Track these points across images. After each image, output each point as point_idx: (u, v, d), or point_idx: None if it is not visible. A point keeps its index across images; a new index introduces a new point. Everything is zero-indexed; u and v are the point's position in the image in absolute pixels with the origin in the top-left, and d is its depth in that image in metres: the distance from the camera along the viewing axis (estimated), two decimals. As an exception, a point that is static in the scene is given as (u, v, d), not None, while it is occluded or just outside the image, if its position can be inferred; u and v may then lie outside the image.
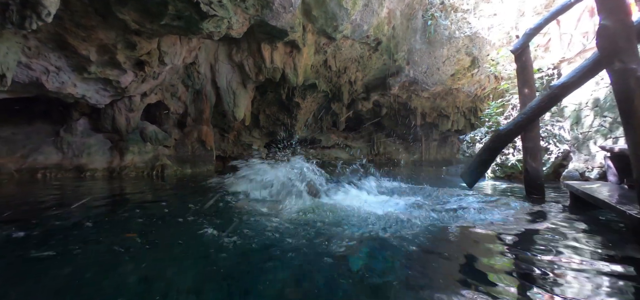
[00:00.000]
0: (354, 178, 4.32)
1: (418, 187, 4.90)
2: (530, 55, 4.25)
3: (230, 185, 4.33)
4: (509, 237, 2.43)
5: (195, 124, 8.72)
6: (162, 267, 1.89)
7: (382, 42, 9.26)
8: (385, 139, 15.39)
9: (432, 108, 12.94)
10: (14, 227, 2.65)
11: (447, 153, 16.42)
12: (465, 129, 13.33)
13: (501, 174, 7.17)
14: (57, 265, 1.91)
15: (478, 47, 9.84)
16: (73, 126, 7.20)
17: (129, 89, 6.50)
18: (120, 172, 7.23)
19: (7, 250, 2.20)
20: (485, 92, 11.63)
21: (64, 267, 1.86)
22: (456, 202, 3.61)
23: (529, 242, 2.36)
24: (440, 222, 2.77)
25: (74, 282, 1.67)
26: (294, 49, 8.08)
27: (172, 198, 4.69)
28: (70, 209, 3.58)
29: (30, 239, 2.40)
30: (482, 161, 3.81)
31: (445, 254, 2.06)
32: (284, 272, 1.77)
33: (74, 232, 2.61)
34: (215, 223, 2.75)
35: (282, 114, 11.26)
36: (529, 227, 2.75)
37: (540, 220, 2.97)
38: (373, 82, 11.09)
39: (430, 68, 10.39)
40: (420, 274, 1.74)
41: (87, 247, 2.23)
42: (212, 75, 8.41)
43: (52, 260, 1.98)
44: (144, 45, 5.72)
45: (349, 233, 2.46)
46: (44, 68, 5.33)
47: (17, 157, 6.76)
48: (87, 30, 5.02)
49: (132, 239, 2.40)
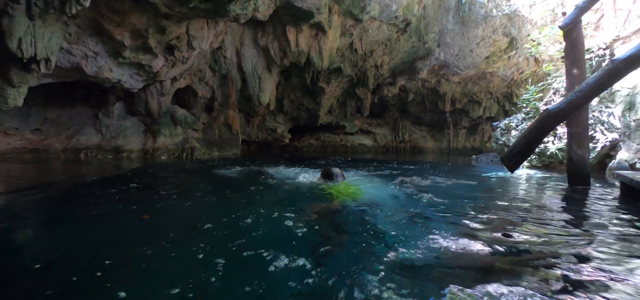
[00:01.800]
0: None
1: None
2: (581, 31, 3.83)
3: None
4: (559, 226, 2.24)
5: (222, 108, 8.91)
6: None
7: (411, 23, 8.84)
8: (411, 125, 14.91)
9: (462, 93, 12.30)
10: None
11: (476, 141, 15.65)
12: (498, 116, 12.59)
13: (539, 163, 6.71)
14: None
15: (517, 27, 9.10)
16: (110, 109, 7.60)
17: (160, 73, 6.72)
18: (153, 153, 7.58)
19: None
20: (523, 75, 10.83)
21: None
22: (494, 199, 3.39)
23: (581, 232, 2.16)
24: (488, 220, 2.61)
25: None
26: (320, 31, 7.93)
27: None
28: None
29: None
30: (528, 143, 3.48)
31: (500, 250, 1.94)
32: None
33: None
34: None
35: (306, 99, 11.21)
36: (579, 216, 2.53)
37: (591, 210, 2.72)
38: (400, 66, 10.68)
39: (463, 50, 9.80)
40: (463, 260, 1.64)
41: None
42: (238, 60, 8.49)
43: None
44: (174, 30, 5.84)
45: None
46: (83, 53, 5.62)
47: (63, 138, 7.28)
48: (121, 15, 5.20)
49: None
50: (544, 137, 4.23)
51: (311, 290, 1.29)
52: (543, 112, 3.41)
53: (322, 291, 1.28)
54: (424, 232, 2.05)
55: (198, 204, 3.01)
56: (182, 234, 2.05)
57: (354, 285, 1.32)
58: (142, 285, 1.35)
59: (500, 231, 2.12)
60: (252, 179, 4.46)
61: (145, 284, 1.36)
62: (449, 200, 3.06)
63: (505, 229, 2.16)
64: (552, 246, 1.88)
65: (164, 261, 1.59)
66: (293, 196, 3.28)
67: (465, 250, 1.79)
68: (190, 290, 1.27)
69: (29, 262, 1.58)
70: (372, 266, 1.52)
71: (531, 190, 3.82)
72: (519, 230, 2.16)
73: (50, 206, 2.87)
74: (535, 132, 3.41)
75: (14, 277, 1.43)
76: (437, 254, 1.69)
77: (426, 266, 1.55)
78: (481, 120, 13.96)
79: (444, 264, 1.60)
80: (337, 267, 1.50)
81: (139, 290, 1.30)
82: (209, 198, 3.32)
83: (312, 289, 1.30)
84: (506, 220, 2.40)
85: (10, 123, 6.71)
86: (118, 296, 1.22)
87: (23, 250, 1.86)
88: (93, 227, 2.21)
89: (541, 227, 2.24)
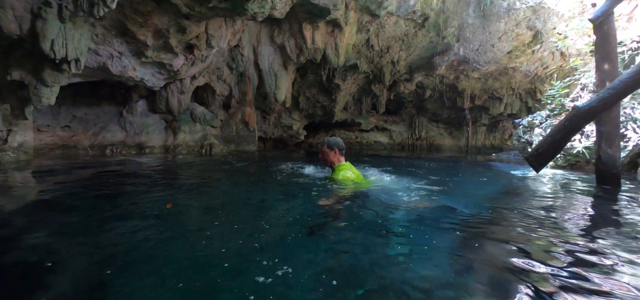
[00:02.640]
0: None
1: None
2: (613, 24, 3.62)
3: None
4: (587, 231, 2.16)
5: (239, 105, 9.07)
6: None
7: (429, 17, 8.65)
8: (428, 123, 14.64)
9: (482, 89, 11.94)
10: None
11: (496, 139, 15.18)
12: (520, 113, 12.15)
13: (564, 163, 6.43)
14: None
15: (542, 20, 8.72)
16: (133, 107, 7.90)
17: (180, 71, 6.91)
18: (174, 149, 7.83)
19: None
20: (547, 71, 10.38)
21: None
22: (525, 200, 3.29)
23: (613, 235, 2.07)
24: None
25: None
26: (336, 28, 7.90)
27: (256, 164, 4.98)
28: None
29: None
30: (555, 142, 3.32)
31: (526, 249, 1.90)
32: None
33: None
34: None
35: (322, 96, 11.22)
36: (609, 220, 2.42)
37: (621, 213, 2.59)
38: (417, 61, 10.49)
39: (484, 45, 9.50)
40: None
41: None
42: (255, 58, 8.60)
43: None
44: (193, 29, 5.99)
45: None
46: (109, 53, 5.86)
47: (90, 134, 7.63)
48: (144, 16, 5.38)
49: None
50: (573, 136, 4.05)
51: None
52: (572, 110, 3.25)
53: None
54: (433, 230, 2.03)
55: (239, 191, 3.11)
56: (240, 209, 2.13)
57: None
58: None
59: (519, 236, 2.07)
60: (269, 172, 4.53)
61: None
62: (463, 198, 3.00)
63: (525, 233, 2.11)
64: (576, 253, 1.82)
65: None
66: (305, 187, 3.31)
67: (484, 259, 1.76)
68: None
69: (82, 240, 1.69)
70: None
71: (556, 190, 3.68)
72: (539, 233, 2.09)
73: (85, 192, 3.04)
74: (563, 130, 3.26)
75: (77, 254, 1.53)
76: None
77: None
78: (502, 117, 13.53)
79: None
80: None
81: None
82: (240, 188, 3.41)
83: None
84: (524, 223, 2.33)
85: (43, 120, 7.10)
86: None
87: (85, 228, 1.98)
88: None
89: (564, 230, 2.16)
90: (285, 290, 1.25)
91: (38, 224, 2.15)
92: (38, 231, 1.98)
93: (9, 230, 2.03)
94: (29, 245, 1.73)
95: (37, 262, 1.53)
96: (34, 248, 1.70)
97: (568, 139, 3.58)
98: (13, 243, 1.77)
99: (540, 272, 1.49)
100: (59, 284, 1.30)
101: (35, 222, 2.23)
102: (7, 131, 5.35)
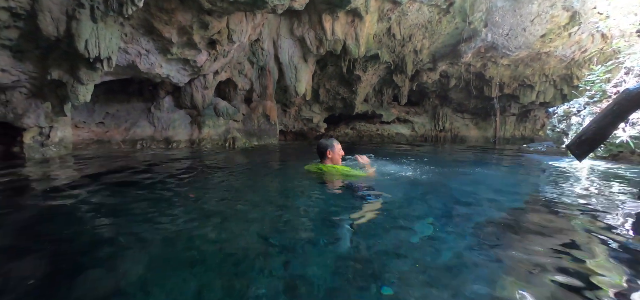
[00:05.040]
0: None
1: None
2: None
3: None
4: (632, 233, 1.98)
5: (260, 99, 9.17)
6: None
7: (455, 2, 8.25)
8: (452, 113, 14.09)
9: (512, 77, 11.30)
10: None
11: (527, 129, 14.35)
12: (554, 101, 11.38)
13: (605, 153, 5.98)
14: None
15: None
16: (161, 103, 8.22)
17: (204, 67, 7.08)
18: (199, 143, 8.09)
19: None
20: (586, 54, 9.62)
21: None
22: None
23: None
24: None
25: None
26: (356, 17, 7.74)
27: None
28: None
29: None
30: (600, 128, 3.04)
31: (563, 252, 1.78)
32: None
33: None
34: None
35: (342, 88, 11.10)
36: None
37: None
38: (441, 50, 10.07)
39: (514, 29, 8.95)
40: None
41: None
42: (275, 51, 8.63)
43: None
44: (215, 25, 6.09)
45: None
46: (137, 51, 6.09)
47: (122, 130, 8.04)
48: (168, 14, 5.53)
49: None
50: (620, 123, 3.71)
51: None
52: (622, 92, 2.96)
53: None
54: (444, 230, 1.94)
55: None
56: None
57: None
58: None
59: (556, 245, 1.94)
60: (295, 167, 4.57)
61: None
62: (489, 192, 2.85)
63: (560, 238, 1.96)
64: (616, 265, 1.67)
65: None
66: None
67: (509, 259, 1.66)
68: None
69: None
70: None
71: (597, 183, 3.42)
72: (574, 234, 1.94)
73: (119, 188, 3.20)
74: (610, 115, 2.97)
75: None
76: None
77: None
78: (533, 106, 12.75)
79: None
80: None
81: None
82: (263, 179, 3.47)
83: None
84: (558, 225, 2.17)
85: (80, 117, 7.56)
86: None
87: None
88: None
89: (607, 232, 1.99)
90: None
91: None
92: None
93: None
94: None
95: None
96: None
97: (616, 126, 3.28)
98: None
99: (576, 285, 1.38)
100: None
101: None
102: (49, 127, 5.75)
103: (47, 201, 2.64)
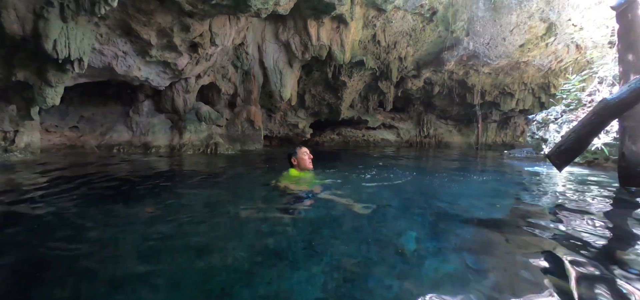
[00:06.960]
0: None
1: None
2: (638, 11, 3.39)
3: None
4: (611, 238, 1.98)
5: (244, 104, 9.00)
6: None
7: (438, 11, 8.41)
8: (436, 120, 14.35)
9: (493, 85, 11.62)
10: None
11: (508, 136, 14.80)
12: (533, 109, 11.77)
13: (581, 160, 6.16)
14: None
15: (557, 11, 8.39)
16: (139, 107, 7.91)
17: (185, 71, 6.87)
18: (180, 149, 7.81)
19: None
20: (562, 64, 10.02)
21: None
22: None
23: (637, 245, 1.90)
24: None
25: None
26: (341, 23, 7.74)
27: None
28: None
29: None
30: (579, 138, 3.08)
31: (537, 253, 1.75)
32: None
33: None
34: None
35: (328, 94, 11.07)
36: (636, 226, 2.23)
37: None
38: (425, 57, 10.24)
39: (494, 39, 9.21)
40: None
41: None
42: (260, 56, 8.51)
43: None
44: (197, 27, 5.92)
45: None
46: (113, 53, 5.84)
47: (97, 135, 7.68)
48: (147, 15, 5.33)
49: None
50: (600, 132, 3.80)
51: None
52: (600, 103, 3.02)
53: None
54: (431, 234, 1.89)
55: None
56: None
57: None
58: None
59: (534, 243, 1.91)
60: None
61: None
62: (472, 199, 2.83)
63: (537, 242, 1.94)
64: (601, 265, 1.65)
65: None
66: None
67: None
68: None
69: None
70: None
71: (574, 190, 3.48)
72: (552, 243, 1.93)
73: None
74: (589, 125, 3.02)
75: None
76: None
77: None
78: (513, 113, 13.16)
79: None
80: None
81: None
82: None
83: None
84: (542, 225, 2.16)
85: (51, 121, 7.17)
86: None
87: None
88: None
89: (581, 239, 1.98)
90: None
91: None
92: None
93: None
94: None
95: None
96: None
97: (595, 135, 3.35)
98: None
99: (555, 283, 1.34)
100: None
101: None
102: (14, 132, 5.39)
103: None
